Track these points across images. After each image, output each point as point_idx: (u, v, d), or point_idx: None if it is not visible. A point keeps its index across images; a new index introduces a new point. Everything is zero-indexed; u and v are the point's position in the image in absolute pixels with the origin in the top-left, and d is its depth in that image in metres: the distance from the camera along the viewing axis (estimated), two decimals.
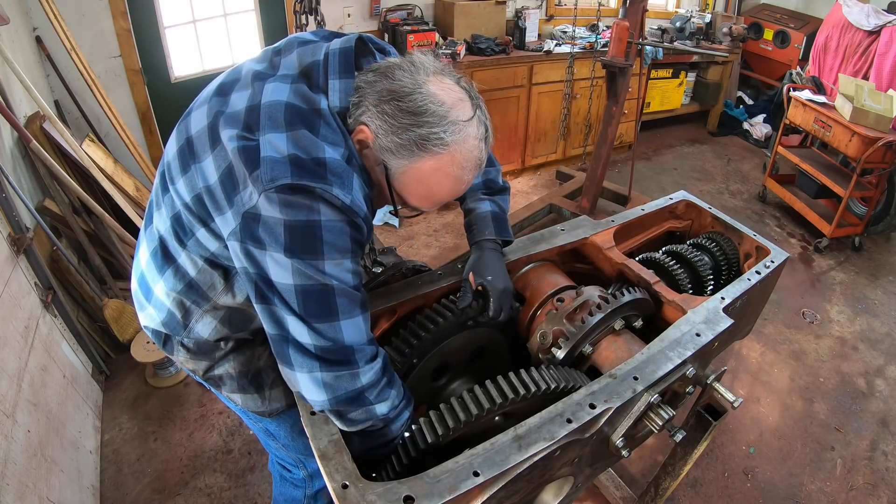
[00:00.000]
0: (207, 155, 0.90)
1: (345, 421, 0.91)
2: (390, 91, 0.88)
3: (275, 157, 0.83)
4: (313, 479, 1.40)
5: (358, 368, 0.89)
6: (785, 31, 5.18)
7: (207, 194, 0.90)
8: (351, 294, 0.88)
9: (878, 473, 2.23)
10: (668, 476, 1.54)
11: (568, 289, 1.29)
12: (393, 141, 0.88)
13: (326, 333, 0.86)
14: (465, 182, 0.95)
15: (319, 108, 0.90)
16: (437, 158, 0.89)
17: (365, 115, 0.90)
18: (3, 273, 1.76)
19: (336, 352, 0.87)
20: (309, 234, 0.83)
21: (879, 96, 3.38)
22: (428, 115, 0.86)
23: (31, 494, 1.51)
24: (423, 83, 0.88)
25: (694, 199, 1.71)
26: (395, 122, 0.87)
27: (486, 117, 0.94)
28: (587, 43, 4.18)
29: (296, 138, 0.85)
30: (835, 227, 3.60)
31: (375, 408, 0.91)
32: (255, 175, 0.83)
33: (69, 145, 2.40)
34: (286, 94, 0.90)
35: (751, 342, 2.87)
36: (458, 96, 0.90)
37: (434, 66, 0.92)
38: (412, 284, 1.24)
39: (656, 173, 4.72)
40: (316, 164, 0.84)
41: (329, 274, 0.85)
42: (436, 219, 3.81)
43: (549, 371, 1.05)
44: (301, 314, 0.85)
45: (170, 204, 0.98)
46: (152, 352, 2.30)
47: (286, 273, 0.84)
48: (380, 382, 0.91)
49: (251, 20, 3.53)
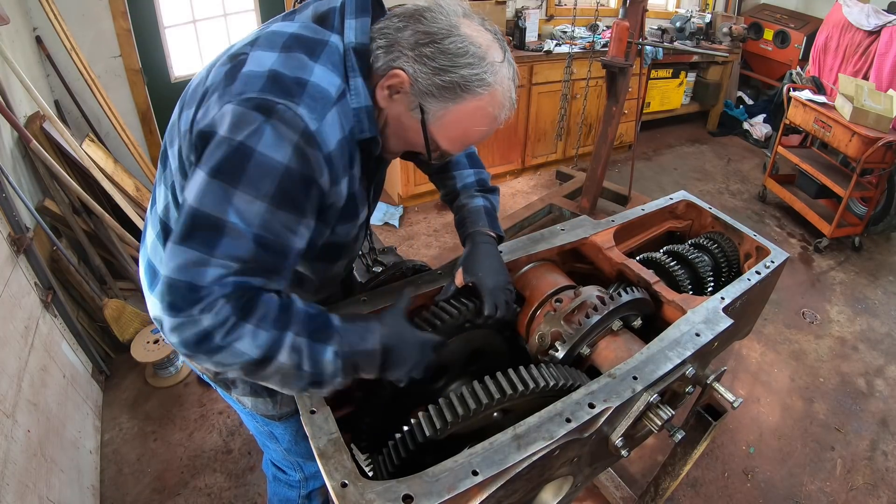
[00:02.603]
0: (195, 101, 0.87)
1: (216, 364, 0.81)
2: (427, 34, 0.86)
3: (254, 70, 0.81)
4: (309, 480, 1.40)
5: (196, 315, 0.76)
6: (785, 31, 5.18)
7: (185, 138, 0.85)
8: (240, 237, 0.78)
9: (878, 473, 2.23)
10: (668, 476, 1.54)
11: (567, 289, 1.29)
12: (434, 83, 0.86)
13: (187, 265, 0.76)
14: (500, 122, 0.95)
15: (327, 41, 0.87)
16: (479, 99, 0.89)
17: (400, 60, 0.87)
18: (3, 273, 1.76)
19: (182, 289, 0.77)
20: (237, 159, 0.76)
21: (879, 96, 3.38)
22: (469, 55, 0.86)
23: (31, 494, 1.51)
24: (457, 25, 0.87)
25: (694, 199, 1.71)
26: (437, 63, 0.85)
27: (511, 58, 0.94)
28: (587, 43, 4.17)
29: (286, 58, 0.82)
30: (835, 227, 3.60)
31: (235, 346, 0.79)
32: (227, 89, 0.80)
33: (69, 145, 2.40)
34: (294, 28, 0.88)
35: (751, 342, 2.87)
36: (490, 38, 0.90)
37: (462, 8, 0.91)
38: (412, 284, 1.24)
39: (656, 173, 4.72)
40: (296, 83, 0.80)
41: (234, 205, 0.76)
42: (436, 219, 3.82)
43: (548, 369, 1.05)
44: (178, 238, 0.77)
45: (167, 175, 0.94)
46: (152, 352, 2.31)
47: (195, 194, 0.77)
48: (227, 322, 0.77)
49: (251, 20, 3.53)
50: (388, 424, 1.16)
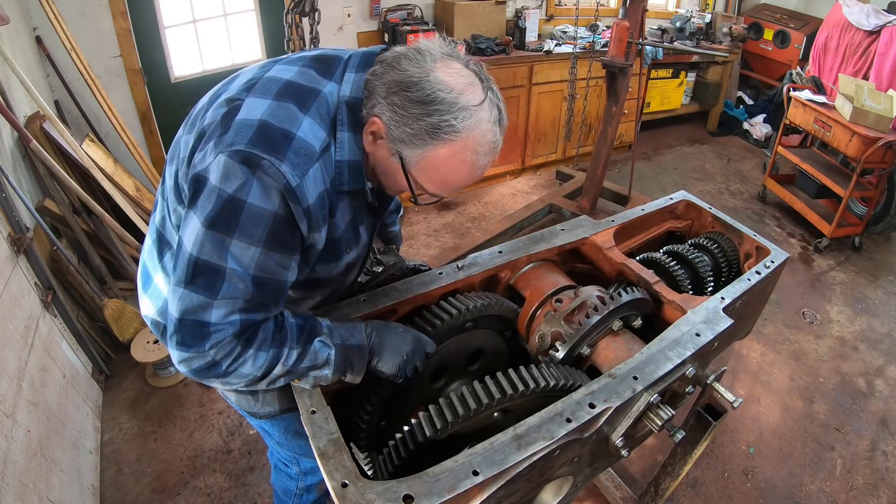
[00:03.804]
0: (195, 127, 0.91)
1: (222, 384, 0.92)
2: (398, 82, 0.87)
3: (246, 120, 0.84)
4: (306, 475, 1.43)
5: (206, 350, 0.85)
6: (785, 31, 5.18)
7: (181, 165, 0.91)
8: (239, 281, 0.84)
9: (878, 473, 2.23)
10: (668, 476, 1.54)
11: (567, 289, 1.29)
12: (405, 131, 0.88)
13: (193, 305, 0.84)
14: (481, 167, 0.93)
15: (320, 91, 0.90)
16: (451, 145, 0.88)
17: (377, 108, 0.89)
18: (3, 273, 1.76)
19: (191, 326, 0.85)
20: (229, 211, 0.81)
21: (879, 96, 3.38)
22: (437, 103, 0.85)
23: (31, 494, 1.51)
24: (430, 70, 0.87)
25: (694, 199, 1.71)
26: (406, 112, 0.87)
27: (498, 99, 0.92)
28: (587, 43, 4.18)
29: (277, 107, 0.85)
30: (835, 227, 3.60)
31: (239, 370, 0.89)
32: (221, 138, 0.84)
33: (69, 145, 2.40)
34: (291, 74, 0.91)
35: (751, 342, 2.87)
36: (468, 80, 0.89)
37: (441, 51, 0.90)
38: (412, 284, 1.24)
39: (656, 173, 4.72)
40: (282, 136, 0.84)
41: (231, 252, 0.83)
42: (436, 219, 3.81)
43: (548, 369, 1.05)
44: (181, 281, 0.84)
45: (164, 189, 1.00)
46: (152, 352, 2.31)
47: (193, 241, 0.83)
48: (233, 353, 0.87)
49: (251, 20, 3.53)
50: (389, 425, 1.16)
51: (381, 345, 1.02)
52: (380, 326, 1.04)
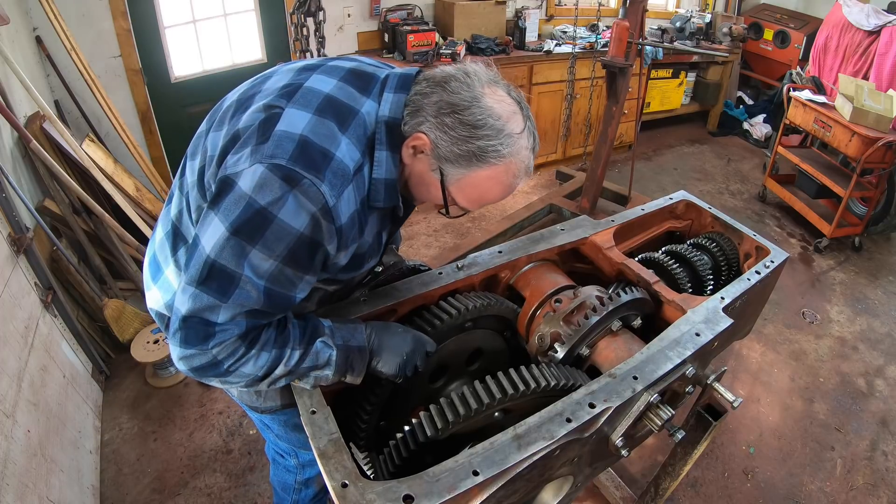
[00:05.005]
0: (224, 126, 0.92)
1: (222, 383, 0.95)
2: (449, 104, 0.91)
3: (288, 132, 0.85)
4: (304, 468, 1.44)
5: (208, 348, 0.87)
6: (785, 31, 5.18)
7: (209, 163, 0.92)
8: (252, 289, 0.86)
9: (878, 473, 2.23)
10: (668, 476, 1.54)
11: (567, 289, 1.29)
12: (452, 151, 0.91)
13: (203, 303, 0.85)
14: (515, 188, 0.99)
15: (358, 110, 0.92)
16: (493, 169, 0.93)
17: (424, 125, 0.92)
18: (3, 273, 1.76)
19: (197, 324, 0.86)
20: (258, 222, 0.82)
21: (879, 96, 3.38)
22: (486, 128, 0.90)
23: (31, 494, 1.51)
24: (480, 96, 0.91)
25: (694, 199, 1.71)
26: (456, 133, 0.90)
27: (533, 126, 0.97)
28: (587, 43, 4.18)
29: (318, 124, 0.87)
30: (835, 227, 3.60)
31: (240, 370, 0.90)
32: (259, 147, 0.84)
33: (69, 145, 2.40)
34: (330, 87, 0.92)
35: (751, 342, 2.87)
36: (512, 109, 0.93)
37: (487, 77, 0.94)
38: (412, 284, 1.24)
39: (656, 173, 4.72)
40: (322, 156, 0.85)
41: (249, 261, 0.84)
42: (436, 219, 3.81)
43: (549, 369, 1.05)
44: (194, 281, 0.85)
45: (184, 182, 1.00)
46: (152, 352, 2.31)
47: (213, 244, 0.84)
48: (236, 353, 0.89)
49: (251, 20, 3.53)
50: (389, 425, 1.16)
51: (380, 345, 1.03)
52: (379, 327, 1.06)
